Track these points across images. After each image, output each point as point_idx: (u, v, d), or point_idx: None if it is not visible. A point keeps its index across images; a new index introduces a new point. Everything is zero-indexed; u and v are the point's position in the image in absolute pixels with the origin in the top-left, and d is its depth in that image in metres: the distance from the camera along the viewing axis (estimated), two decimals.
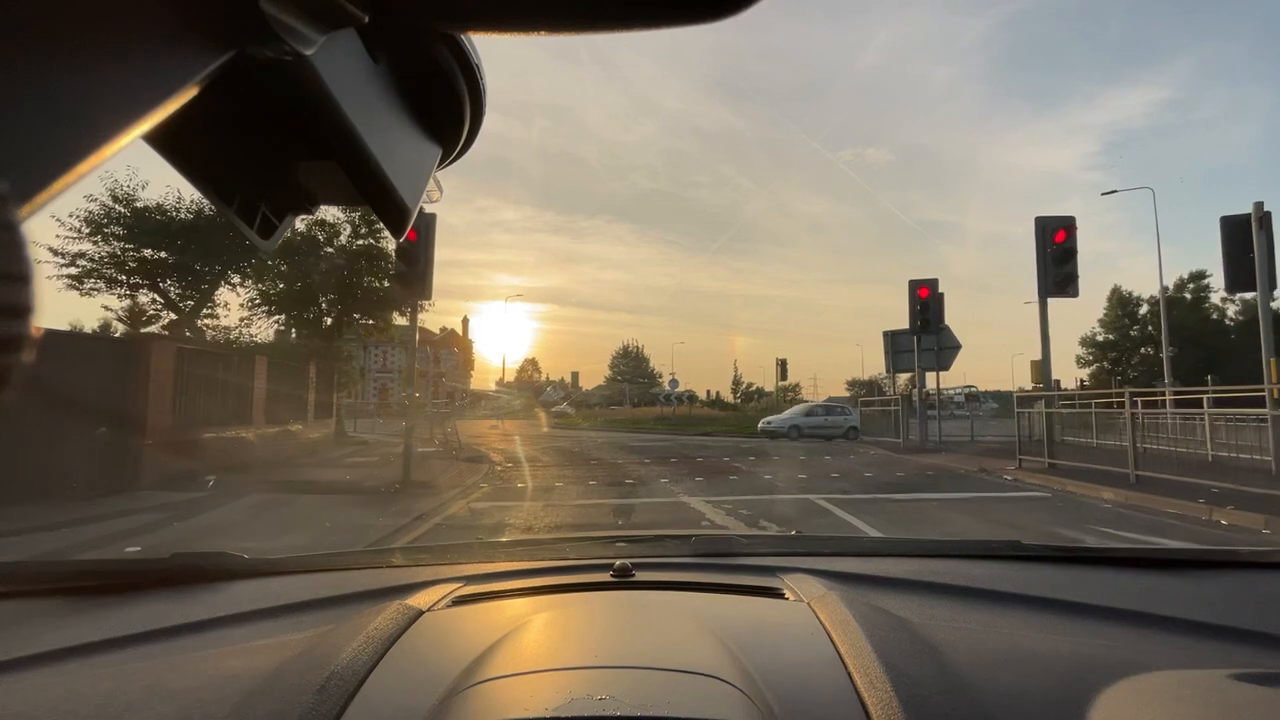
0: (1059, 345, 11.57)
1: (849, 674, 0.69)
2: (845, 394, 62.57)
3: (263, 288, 17.00)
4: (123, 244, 14.95)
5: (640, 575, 1.13)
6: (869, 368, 67.00)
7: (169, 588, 1.14)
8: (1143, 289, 43.28)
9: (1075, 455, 10.97)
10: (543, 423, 33.65)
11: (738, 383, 56.80)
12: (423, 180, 0.45)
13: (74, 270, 14.68)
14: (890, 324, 18.96)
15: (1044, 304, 11.27)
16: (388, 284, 16.20)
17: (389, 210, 0.42)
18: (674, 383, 38.55)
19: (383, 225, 0.45)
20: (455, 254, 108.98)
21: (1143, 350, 40.41)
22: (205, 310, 16.84)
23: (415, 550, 1.64)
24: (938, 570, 1.19)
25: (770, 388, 41.91)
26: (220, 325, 17.18)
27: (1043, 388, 12.19)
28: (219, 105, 0.33)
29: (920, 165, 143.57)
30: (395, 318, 18.17)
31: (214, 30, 0.29)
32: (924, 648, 0.76)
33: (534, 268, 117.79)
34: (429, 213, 8.65)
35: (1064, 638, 0.91)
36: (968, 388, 46.54)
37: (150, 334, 11.64)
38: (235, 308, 24.19)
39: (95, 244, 14.75)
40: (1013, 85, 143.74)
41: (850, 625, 0.80)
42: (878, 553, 1.35)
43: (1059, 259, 10.96)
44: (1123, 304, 41.34)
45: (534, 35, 0.33)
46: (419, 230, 8.56)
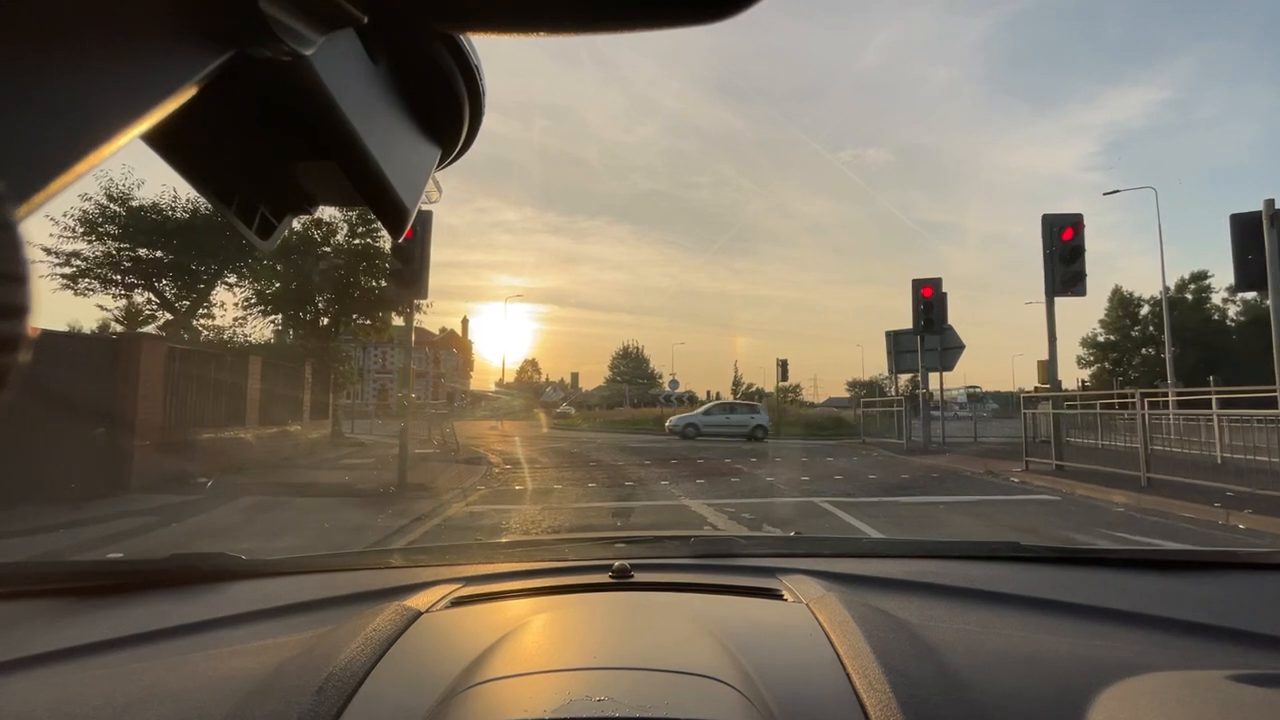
0: (1060, 346, 11.45)
1: (848, 675, 0.69)
2: (846, 394, 62.69)
3: (259, 287, 16.88)
4: (118, 243, 14.84)
5: (639, 576, 1.13)
6: (870, 368, 67.14)
7: (167, 588, 1.14)
8: (1143, 289, 43.33)
9: (1082, 457, 10.80)
10: (542, 424, 33.59)
11: (738, 383, 56.70)
12: (422, 180, 0.45)
13: (68, 270, 14.58)
14: (890, 324, 18.87)
15: (1051, 303, 11.12)
16: (384, 283, 16.08)
17: (388, 210, 0.42)
18: (674, 383, 38.47)
19: (380, 225, 0.41)
20: (455, 255, 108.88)
21: (1144, 351, 40.41)
22: (201, 310, 16.72)
23: (414, 551, 1.63)
24: (937, 571, 1.19)
25: (771, 388, 41.78)
26: (216, 325, 17.07)
27: (1049, 388, 12.03)
28: (218, 105, 0.34)
29: (920, 165, 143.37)
30: (392, 318, 18.04)
31: (213, 30, 0.29)
32: (923, 649, 0.76)
33: (534, 268, 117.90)
34: (425, 211, 8.55)
35: (1063, 639, 0.91)
36: (971, 388, 46.40)
37: (141, 333, 11.45)
38: (231, 308, 24.09)
39: (90, 243, 14.65)
40: (1013, 85, 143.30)
41: (849, 626, 0.80)
42: (877, 554, 1.37)
43: (1066, 257, 10.80)
44: (1124, 304, 41.31)
45: (534, 36, 0.33)
46: (415, 228, 8.44)
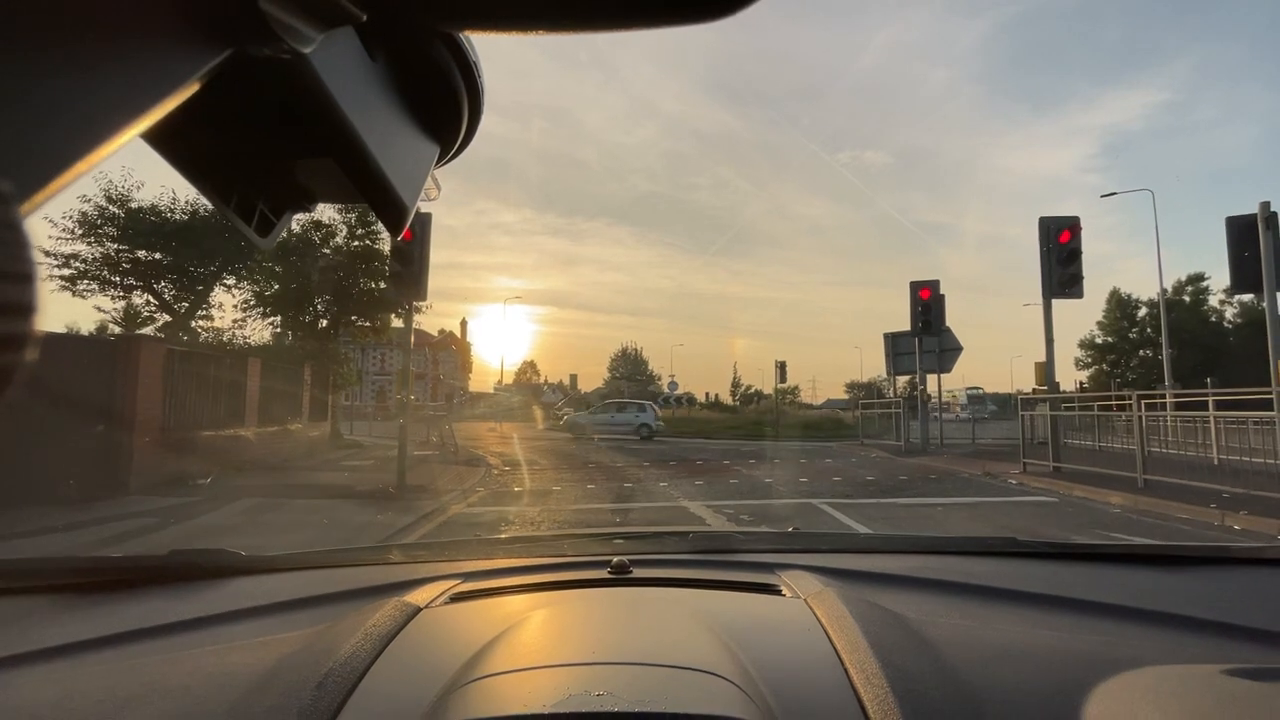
0: (1057, 348, 11.48)
1: (845, 670, 0.69)
2: (845, 396, 62.66)
3: (258, 289, 16.86)
4: (117, 245, 14.80)
5: (638, 572, 1.13)
6: (868, 370, 67.23)
7: (167, 584, 1.14)
8: (1141, 291, 43.37)
9: (1079, 458, 10.82)
10: (541, 424, 33.57)
11: (737, 385, 56.55)
12: (421, 178, 0.45)
13: (67, 271, 14.54)
14: (889, 326, 18.91)
15: (1048, 305, 11.16)
16: (383, 285, 16.07)
17: (387, 208, 0.42)
18: (673, 385, 38.35)
19: (379, 225, 0.39)
20: (454, 256, 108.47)
21: (1142, 352, 40.44)
22: (200, 312, 16.70)
23: (413, 547, 1.64)
24: (934, 566, 1.19)
25: (770, 390, 41.78)
26: (215, 327, 17.04)
27: (1047, 390, 12.06)
28: (217, 103, 0.34)
29: (918, 167, 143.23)
30: (391, 319, 18.02)
31: (213, 29, 0.29)
32: (920, 643, 0.76)
33: (533, 270, 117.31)
34: (424, 213, 8.56)
35: (1059, 633, 0.91)
36: (973, 389, 46.28)
37: (140, 335, 11.45)
38: (230, 310, 24.07)
39: (89, 245, 14.62)
40: (1011, 87, 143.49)
41: (847, 621, 0.80)
42: (874, 549, 1.36)
43: (1063, 260, 10.84)
44: (1121, 306, 41.34)
45: (533, 34, 0.33)
46: (414, 230, 8.44)
